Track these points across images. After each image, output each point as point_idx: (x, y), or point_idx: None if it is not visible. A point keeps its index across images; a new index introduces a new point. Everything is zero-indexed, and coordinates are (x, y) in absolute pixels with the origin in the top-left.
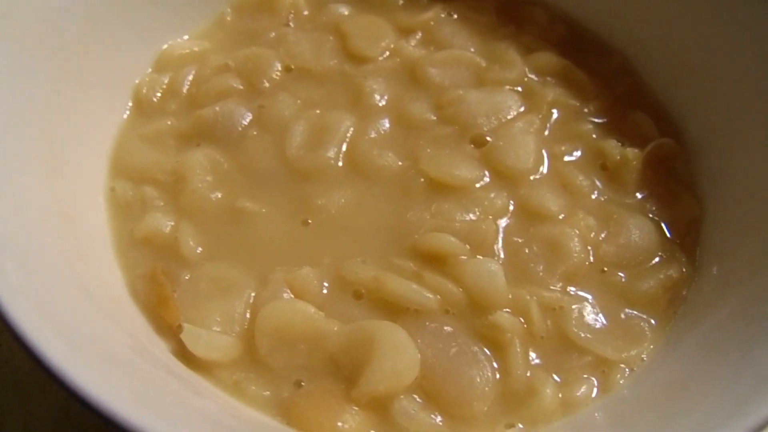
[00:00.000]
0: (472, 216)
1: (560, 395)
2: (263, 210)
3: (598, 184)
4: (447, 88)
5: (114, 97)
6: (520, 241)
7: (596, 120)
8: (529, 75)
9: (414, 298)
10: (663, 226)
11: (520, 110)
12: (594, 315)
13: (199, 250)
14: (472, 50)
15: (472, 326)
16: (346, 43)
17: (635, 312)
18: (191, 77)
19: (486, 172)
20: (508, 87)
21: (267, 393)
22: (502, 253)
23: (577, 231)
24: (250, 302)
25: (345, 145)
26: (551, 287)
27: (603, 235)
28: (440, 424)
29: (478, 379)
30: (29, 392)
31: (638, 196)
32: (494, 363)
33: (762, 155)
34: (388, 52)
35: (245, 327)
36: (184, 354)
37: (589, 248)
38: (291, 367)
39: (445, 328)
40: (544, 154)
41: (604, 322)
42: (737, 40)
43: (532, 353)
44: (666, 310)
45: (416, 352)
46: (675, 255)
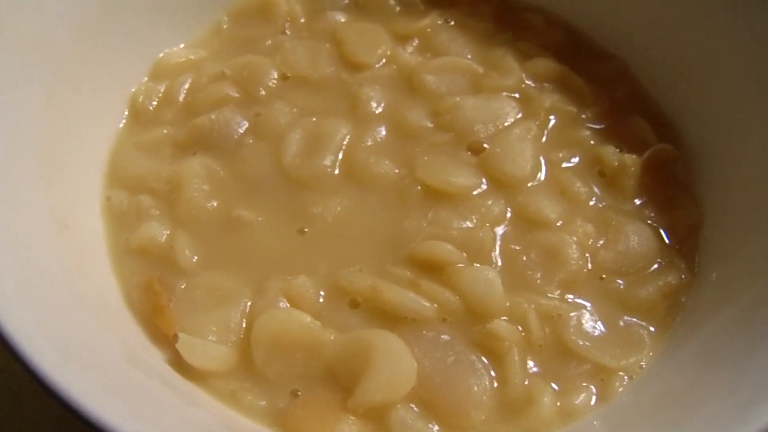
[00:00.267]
0: (469, 224)
1: (559, 404)
2: (259, 218)
3: (596, 190)
4: (444, 95)
5: (110, 106)
6: (517, 248)
7: (594, 126)
8: (527, 81)
9: (411, 306)
10: (662, 232)
11: (517, 117)
12: (592, 322)
13: (194, 259)
14: (469, 57)
15: (469, 335)
16: (343, 51)
17: (634, 319)
18: (187, 85)
19: (483, 179)
20: (505, 93)
21: (263, 403)
22: (500, 261)
23: (575, 238)
24: (246, 311)
25: (341, 153)
26: (549, 295)
27: (601, 242)
28: None
29: (476, 388)
30: (26, 401)
31: (636, 203)
32: (492, 371)
33: (761, 160)
34: (384, 60)
35: (241, 336)
36: (179, 364)
37: (588, 255)
38: (287, 376)
39: (443, 336)
40: (541, 160)
41: (603, 329)
42: (736, 45)
43: (530, 361)
44: (665, 317)
45: (413, 361)
46: (674, 261)
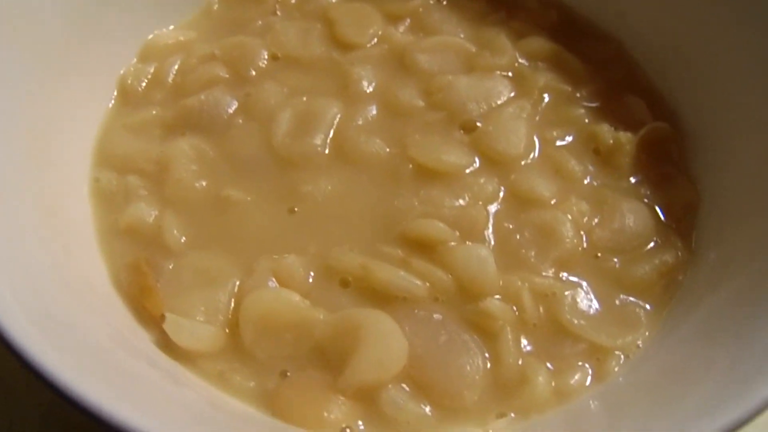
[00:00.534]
0: (462, 202)
1: (553, 383)
2: (249, 198)
3: (590, 168)
4: (436, 74)
5: (99, 87)
6: (510, 226)
7: (589, 105)
8: (520, 60)
9: (402, 285)
10: (658, 210)
11: (510, 95)
12: (588, 301)
13: (183, 240)
14: (462, 36)
15: (461, 314)
16: (334, 31)
17: (630, 298)
18: (177, 67)
19: (476, 157)
20: (498, 72)
21: (252, 383)
22: (493, 239)
23: (569, 216)
24: (235, 291)
25: (332, 132)
26: (543, 273)
27: (596, 220)
28: (429, 414)
29: (468, 368)
30: (15, 390)
31: (632, 181)
32: (485, 351)
33: (757, 140)
34: (376, 39)
35: (229, 317)
36: (167, 344)
37: (582, 233)
38: (276, 357)
39: (434, 315)
40: (535, 139)
41: (599, 308)
42: (731, 25)
43: (524, 341)
44: (662, 296)
45: (404, 341)
46: (670, 240)
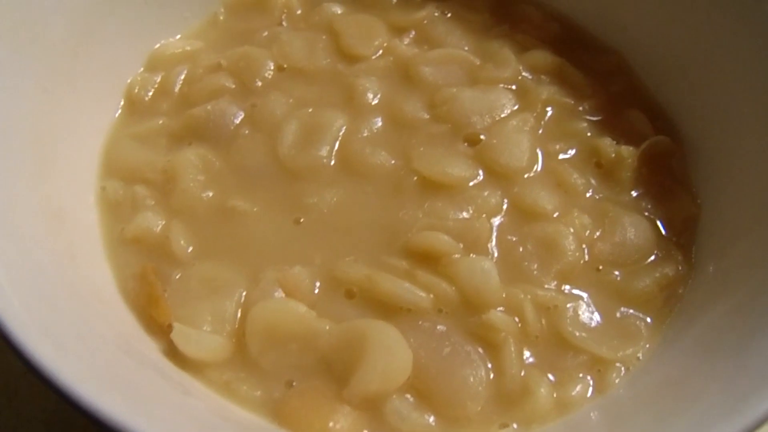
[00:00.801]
0: (466, 214)
1: (555, 395)
2: (255, 209)
3: (592, 182)
4: (440, 86)
5: (105, 97)
6: (514, 239)
7: (591, 118)
8: (524, 73)
9: (406, 297)
10: (659, 224)
11: (514, 108)
12: (589, 314)
13: (189, 250)
14: (466, 49)
15: (465, 325)
16: (339, 42)
17: (631, 310)
18: (183, 76)
19: (479, 170)
20: (502, 85)
21: (258, 393)
22: (496, 252)
23: (571, 229)
24: (241, 302)
25: (337, 143)
26: (546, 286)
27: (598, 234)
28: (433, 424)
29: (472, 379)
30: (20, 394)
31: (633, 194)
32: (488, 362)
33: (757, 153)
34: (381, 51)
35: (236, 326)
36: (174, 354)
37: (584, 246)
38: (282, 366)
39: (438, 327)
40: (538, 152)
41: (600, 320)
42: (732, 38)
43: (526, 352)
44: (662, 309)
45: (409, 352)
46: (671, 253)
